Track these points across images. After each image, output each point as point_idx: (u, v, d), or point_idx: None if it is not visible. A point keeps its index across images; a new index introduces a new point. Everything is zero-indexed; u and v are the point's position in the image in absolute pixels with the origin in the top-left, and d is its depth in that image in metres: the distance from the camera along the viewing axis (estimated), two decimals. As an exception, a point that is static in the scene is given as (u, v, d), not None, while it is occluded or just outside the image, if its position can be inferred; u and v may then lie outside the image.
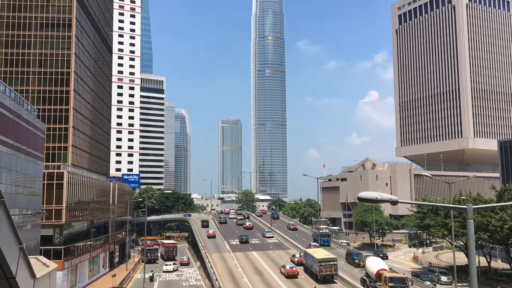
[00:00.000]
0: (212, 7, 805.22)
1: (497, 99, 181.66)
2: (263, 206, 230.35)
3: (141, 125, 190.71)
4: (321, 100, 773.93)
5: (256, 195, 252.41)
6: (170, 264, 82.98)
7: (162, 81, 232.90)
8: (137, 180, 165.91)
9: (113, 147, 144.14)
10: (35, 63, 78.14)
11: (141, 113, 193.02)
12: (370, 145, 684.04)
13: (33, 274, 24.61)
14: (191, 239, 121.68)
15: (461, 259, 72.96)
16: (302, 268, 67.71)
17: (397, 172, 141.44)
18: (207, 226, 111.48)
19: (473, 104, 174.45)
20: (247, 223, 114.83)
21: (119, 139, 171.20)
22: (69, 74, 78.42)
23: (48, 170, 65.98)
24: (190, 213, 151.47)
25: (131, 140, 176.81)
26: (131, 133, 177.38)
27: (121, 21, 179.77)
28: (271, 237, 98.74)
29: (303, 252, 72.05)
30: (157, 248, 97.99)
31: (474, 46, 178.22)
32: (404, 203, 14.03)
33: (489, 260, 69.25)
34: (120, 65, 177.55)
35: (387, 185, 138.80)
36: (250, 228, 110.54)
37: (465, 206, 12.82)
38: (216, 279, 61.49)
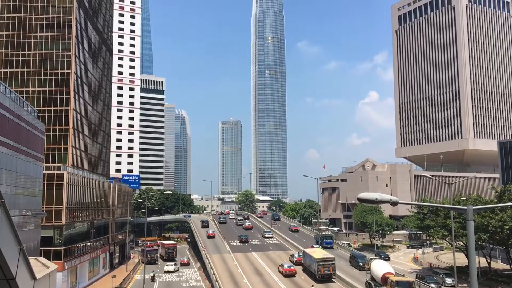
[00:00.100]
0: (212, 8, 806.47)
1: (497, 99, 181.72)
2: (263, 207, 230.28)
3: (141, 126, 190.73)
4: (321, 101, 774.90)
5: (256, 196, 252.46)
6: (171, 264, 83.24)
7: (162, 82, 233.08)
8: (137, 181, 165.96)
9: (113, 148, 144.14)
10: (35, 64, 78.24)
11: (141, 114, 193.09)
12: (370, 146, 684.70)
13: (33, 275, 24.61)
14: (191, 240, 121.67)
15: (461, 259, 72.92)
16: (301, 268, 68.10)
17: (397, 172, 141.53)
18: (206, 227, 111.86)
19: (473, 104, 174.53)
20: (246, 224, 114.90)
21: (119, 140, 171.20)
22: (69, 75, 78.52)
23: (48, 171, 66.04)
24: (190, 214, 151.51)
25: (131, 141, 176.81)
26: (131, 134, 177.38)
27: (121, 22, 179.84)
28: (270, 237, 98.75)
29: (301, 252, 72.58)
30: (157, 249, 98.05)
31: (474, 47, 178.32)
32: (404, 204, 14.04)
33: (489, 261, 69.21)
34: (120, 66, 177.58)
35: (387, 185, 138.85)
36: (249, 229, 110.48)
37: (465, 207, 12.83)
38: (216, 280, 61.52)
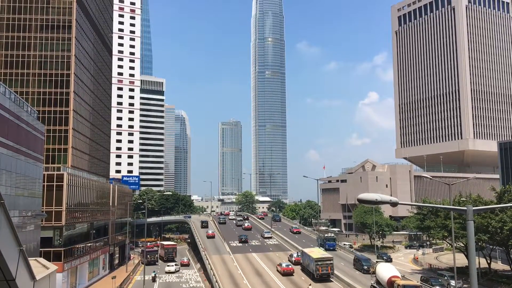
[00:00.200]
0: (212, 9, 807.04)
1: (496, 100, 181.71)
2: (263, 207, 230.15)
3: (141, 126, 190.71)
4: (321, 102, 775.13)
5: (256, 197, 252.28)
6: (172, 265, 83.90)
7: (162, 82, 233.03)
8: (137, 181, 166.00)
9: (113, 148, 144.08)
10: (35, 65, 78.27)
11: (141, 115, 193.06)
12: (370, 147, 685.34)
13: (33, 276, 24.59)
14: (191, 240, 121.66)
15: (461, 260, 72.85)
16: (299, 267, 68.84)
17: (397, 173, 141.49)
18: (206, 227, 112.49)
19: (473, 105, 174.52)
20: (246, 224, 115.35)
21: (119, 140, 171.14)
22: (69, 76, 78.57)
23: (48, 171, 66.00)
24: (190, 214, 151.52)
25: (131, 141, 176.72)
26: (131, 134, 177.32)
27: (121, 22, 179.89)
28: (269, 238, 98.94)
29: (300, 251, 73.22)
30: (157, 250, 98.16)
31: (473, 48, 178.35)
32: (404, 204, 14.03)
33: (489, 262, 69.17)
34: (120, 66, 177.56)
35: (387, 186, 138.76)
36: (249, 229, 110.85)
37: (465, 208, 12.82)
38: (216, 281, 61.50)
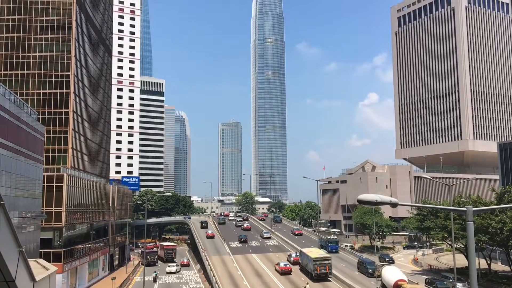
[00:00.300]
0: (211, 9, 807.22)
1: (496, 101, 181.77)
2: (263, 208, 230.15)
3: (140, 127, 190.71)
4: (321, 102, 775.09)
5: (256, 198, 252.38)
6: (173, 265, 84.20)
7: (162, 83, 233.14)
8: (136, 182, 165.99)
9: (112, 149, 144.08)
10: (35, 66, 78.30)
11: (141, 116, 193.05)
12: (370, 147, 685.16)
13: (32, 277, 24.58)
14: (191, 241, 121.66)
15: (461, 261, 72.86)
16: (298, 267, 69.55)
17: (397, 174, 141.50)
18: (206, 227, 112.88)
19: (472, 106, 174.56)
20: (245, 225, 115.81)
21: (119, 141, 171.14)
22: (69, 76, 78.61)
23: (48, 172, 65.94)
24: (190, 215, 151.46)
25: (130, 142, 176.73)
26: (130, 135, 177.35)
27: (121, 23, 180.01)
28: (268, 238, 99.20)
29: (299, 251, 73.78)
30: (156, 251, 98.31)
31: (473, 48, 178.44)
32: (404, 205, 14.02)
33: (489, 262, 69.18)
34: (120, 67, 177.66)
35: (387, 187, 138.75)
36: (248, 229, 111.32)
37: (465, 208, 12.81)
38: (216, 282, 61.45)
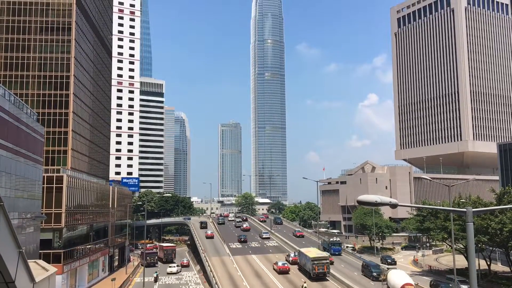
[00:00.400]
0: (211, 10, 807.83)
1: (496, 101, 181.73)
2: (262, 209, 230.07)
3: (140, 128, 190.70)
4: (320, 103, 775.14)
5: (256, 198, 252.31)
6: (174, 266, 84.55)
7: (162, 84, 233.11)
8: (136, 183, 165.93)
9: (112, 150, 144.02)
10: (34, 66, 78.26)
11: (141, 117, 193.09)
12: (370, 148, 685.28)
13: (32, 278, 24.56)
14: (191, 242, 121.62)
15: (461, 262, 72.84)
16: (297, 267, 70.33)
17: (397, 175, 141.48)
18: (205, 227, 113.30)
19: (472, 107, 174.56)
20: (244, 225, 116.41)
21: (118, 142, 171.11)
22: (68, 77, 78.56)
23: (48, 173, 65.85)
24: (190, 216, 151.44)
25: (130, 143, 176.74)
26: (130, 136, 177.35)
27: (120, 24, 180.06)
28: (267, 238, 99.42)
29: (297, 251, 74.30)
30: (156, 252, 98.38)
31: (473, 49, 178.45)
32: (404, 206, 14.02)
33: (489, 263, 69.18)
34: (120, 68, 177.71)
35: (386, 188, 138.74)
36: (247, 230, 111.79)
37: (464, 209, 12.81)
38: (216, 283, 61.43)
